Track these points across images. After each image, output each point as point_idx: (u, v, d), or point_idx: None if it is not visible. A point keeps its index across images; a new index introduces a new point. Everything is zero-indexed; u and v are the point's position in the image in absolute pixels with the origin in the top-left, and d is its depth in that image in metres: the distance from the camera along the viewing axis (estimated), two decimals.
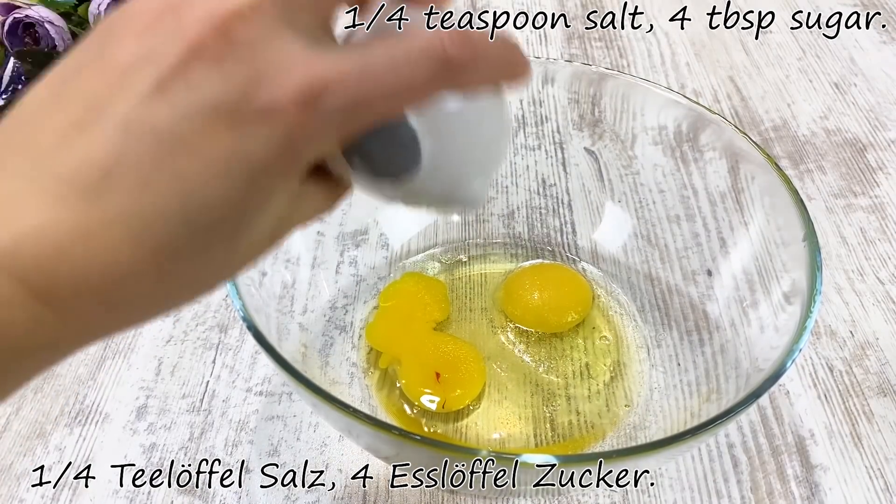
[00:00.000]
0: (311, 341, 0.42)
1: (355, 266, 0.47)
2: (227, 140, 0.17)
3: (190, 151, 0.17)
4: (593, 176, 0.49)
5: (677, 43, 0.71)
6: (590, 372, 0.43)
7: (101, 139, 0.17)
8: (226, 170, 0.17)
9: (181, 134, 0.17)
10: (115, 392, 0.43)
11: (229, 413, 0.42)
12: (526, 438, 0.40)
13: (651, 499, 0.39)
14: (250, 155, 0.17)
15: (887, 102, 0.64)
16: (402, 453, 0.31)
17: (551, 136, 0.50)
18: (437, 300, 0.45)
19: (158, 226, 0.17)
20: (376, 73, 0.18)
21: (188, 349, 0.45)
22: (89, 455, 0.40)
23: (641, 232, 0.47)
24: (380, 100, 0.18)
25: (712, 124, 0.42)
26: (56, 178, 0.16)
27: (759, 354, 0.35)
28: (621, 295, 0.47)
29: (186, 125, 0.17)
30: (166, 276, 0.18)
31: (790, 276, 0.36)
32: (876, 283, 0.49)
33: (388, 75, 0.18)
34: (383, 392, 0.41)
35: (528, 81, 0.22)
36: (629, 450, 0.28)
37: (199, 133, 0.17)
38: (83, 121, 0.17)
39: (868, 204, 0.55)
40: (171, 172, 0.17)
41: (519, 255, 0.50)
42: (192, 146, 0.17)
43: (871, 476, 0.40)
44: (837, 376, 0.44)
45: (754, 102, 0.64)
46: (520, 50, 0.21)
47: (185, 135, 0.17)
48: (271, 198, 0.19)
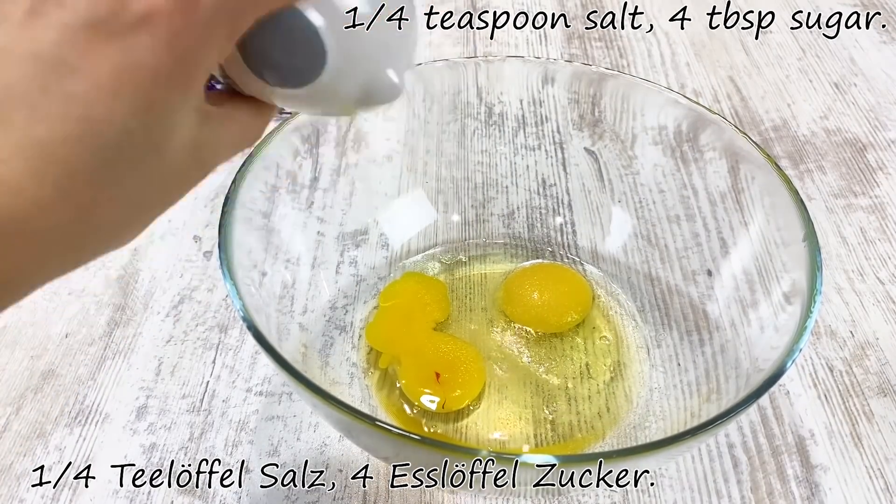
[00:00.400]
0: (311, 341, 0.42)
1: (355, 266, 0.47)
2: (110, 54, 0.16)
3: (74, 72, 0.16)
4: (593, 176, 0.49)
5: (677, 43, 0.71)
6: (590, 372, 0.43)
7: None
8: (115, 85, 0.17)
9: (62, 55, 0.16)
10: (115, 392, 0.43)
11: (229, 413, 0.42)
12: (526, 438, 0.40)
13: (651, 499, 0.39)
14: (137, 66, 0.17)
15: (887, 102, 0.64)
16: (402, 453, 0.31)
17: (551, 136, 0.50)
18: (437, 300, 0.45)
19: (57, 152, 0.16)
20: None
21: (188, 349, 0.45)
22: (89, 455, 0.40)
23: (641, 232, 0.47)
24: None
25: (712, 124, 0.42)
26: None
27: (759, 354, 0.35)
28: (621, 295, 0.47)
29: (66, 45, 0.16)
30: (81, 208, 0.17)
31: (790, 276, 0.36)
32: (876, 283, 0.49)
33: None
34: (383, 392, 0.41)
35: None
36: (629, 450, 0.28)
37: (81, 51, 0.16)
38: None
39: (868, 204, 0.55)
40: (59, 96, 0.16)
41: (519, 255, 0.50)
42: (75, 66, 0.16)
43: (871, 476, 0.40)
44: (837, 376, 0.44)
45: (754, 102, 0.64)
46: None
47: (66, 55, 0.16)
48: (173, 114, 0.18)
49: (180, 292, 0.48)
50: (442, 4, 0.74)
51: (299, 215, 0.44)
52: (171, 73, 0.17)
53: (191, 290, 0.48)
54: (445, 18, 0.72)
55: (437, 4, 0.74)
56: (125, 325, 0.46)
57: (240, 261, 0.34)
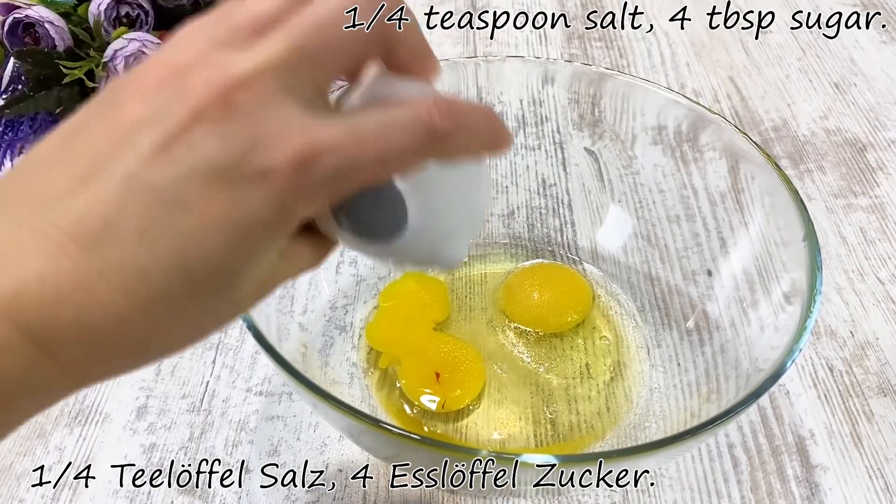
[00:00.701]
0: (311, 341, 0.42)
1: (355, 266, 0.47)
2: (223, 200, 0.18)
3: (187, 209, 0.18)
4: (593, 176, 0.49)
5: (677, 43, 0.71)
6: (590, 372, 0.43)
7: (102, 193, 0.17)
8: (221, 228, 0.18)
9: (180, 193, 0.17)
10: (115, 392, 0.43)
11: (229, 413, 0.42)
12: (526, 438, 0.40)
13: (651, 499, 0.39)
14: (245, 215, 0.18)
15: (887, 102, 0.64)
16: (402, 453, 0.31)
17: (551, 136, 0.50)
18: (437, 300, 0.45)
19: (154, 277, 0.17)
20: (367, 140, 0.19)
21: (188, 349, 0.45)
22: (89, 455, 0.40)
23: (641, 232, 0.47)
24: (369, 165, 0.19)
25: (712, 124, 0.42)
26: (58, 228, 0.17)
27: (759, 354, 0.35)
28: (621, 295, 0.47)
29: (185, 185, 0.17)
30: (159, 326, 0.18)
31: (790, 276, 0.36)
32: (876, 283, 0.49)
33: (378, 142, 0.19)
34: (383, 392, 0.41)
35: (508, 151, 0.24)
36: (629, 450, 0.28)
37: (198, 192, 0.18)
38: (87, 175, 0.18)
39: (868, 204, 0.55)
40: (168, 228, 0.17)
41: (519, 255, 0.50)
42: (189, 204, 0.18)
43: (871, 476, 0.40)
44: (837, 376, 0.44)
45: (754, 102, 0.64)
46: (501, 121, 0.22)
47: (183, 194, 0.17)
48: (262, 254, 0.19)
49: None
50: (442, 4, 0.74)
51: None
52: (272, 223, 0.19)
53: None
54: (445, 18, 0.72)
55: (437, 4, 0.74)
56: None
57: None
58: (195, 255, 0.18)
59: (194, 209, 0.18)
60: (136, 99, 0.18)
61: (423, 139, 0.20)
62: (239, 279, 0.19)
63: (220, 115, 0.18)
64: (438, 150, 0.20)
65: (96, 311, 0.17)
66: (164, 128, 0.18)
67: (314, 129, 0.18)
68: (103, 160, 0.18)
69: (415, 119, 0.20)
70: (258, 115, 0.18)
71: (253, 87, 0.18)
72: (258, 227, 0.18)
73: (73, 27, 0.58)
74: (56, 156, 0.18)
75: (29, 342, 0.17)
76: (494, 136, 0.22)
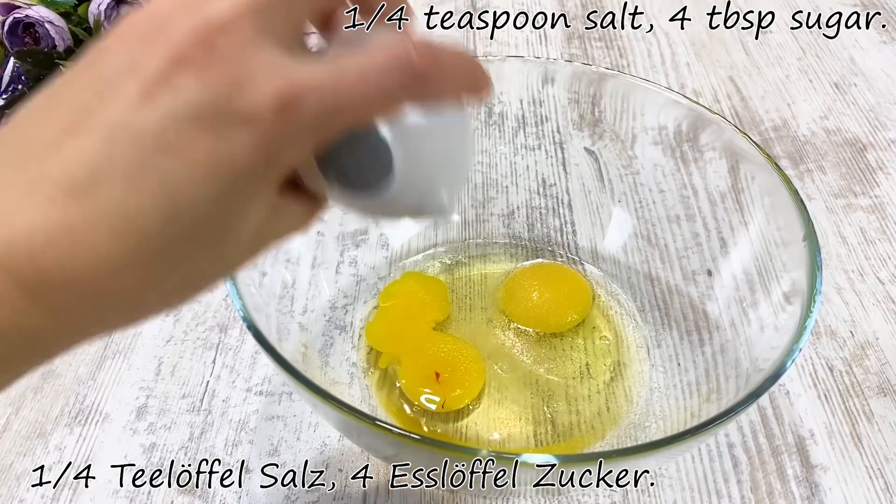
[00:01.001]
0: (311, 341, 0.42)
1: (355, 266, 0.47)
2: (208, 143, 0.18)
3: (173, 154, 0.18)
4: (593, 176, 0.49)
5: (677, 43, 0.71)
6: (590, 372, 0.43)
7: (89, 143, 0.18)
8: (207, 171, 0.18)
9: (165, 137, 0.18)
10: (115, 392, 0.43)
11: (229, 413, 0.42)
12: (526, 438, 0.40)
13: (651, 499, 0.39)
14: (230, 157, 0.18)
15: (887, 102, 0.64)
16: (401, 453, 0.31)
17: (551, 136, 0.50)
18: (437, 300, 0.45)
19: (142, 223, 0.18)
20: (348, 81, 0.19)
21: (188, 349, 0.45)
22: (89, 455, 0.40)
23: (641, 232, 0.47)
24: (351, 107, 0.19)
25: (712, 124, 0.42)
26: (47, 179, 0.17)
27: (759, 354, 0.35)
28: (621, 295, 0.47)
29: (170, 129, 0.18)
30: (151, 275, 0.18)
31: (790, 276, 0.36)
32: (876, 283, 0.49)
33: (359, 83, 0.19)
34: (383, 392, 0.41)
35: (488, 96, 0.24)
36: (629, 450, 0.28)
37: (182, 137, 0.18)
38: (72, 126, 0.18)
39: (868, 204, 0.55)
40: (154, 173, 0.18)
41: (519, 255, 0.50)
42: (175, 149, 0.18)
43: (871, 476, 0.40)
44: (837, 376, 0.44)
45: (754, 102, 0.64)
46: (480, 65, 0.22)
47: (168, 138, 0.18)
48: (251, 202, 0.20)
49: None
50: (442, 4, 0.74)
51: None
52: (257, 169, 0.19)
53: None
54: (445, 18, 0.72)
55: (437, 4, 0.74)
56: None
57: None
58: (182, 201, 0.18)
59: (179, 154, 0.18)
60: (119, 50, 0.19)
61: (404, 79, 0.20)
62: (229, 229, 0.19)
63: (202, 60, 0.18)
64: (419, 91, 0.20)
65: (86, 257, 0.17)
66: (146, 75, 0.18)
67: (295, 72, 0.19)
68: (88, 111, 0.18)
69: (394, 59, 0.20)
70: (239, 58, 0.18)
71: (232, 31, 0.18)
72: (244, 173, 0.18)
73: (73, 27, 0.58)
74: (42, 112, 0.19)
75: (18, 289, 0.17)
76: (474, 78, 0.22)
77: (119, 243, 0.17)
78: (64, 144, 0.18)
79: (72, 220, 0.17)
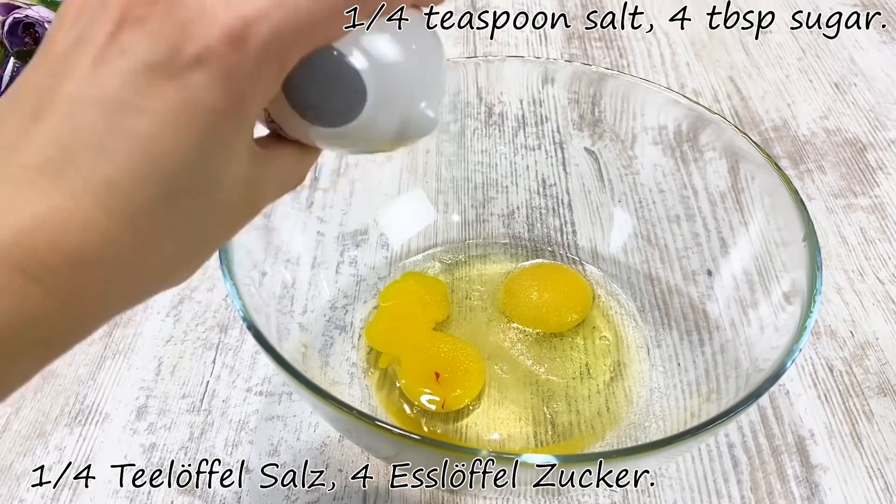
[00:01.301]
0: (311, 341, 0.42)
1: (355, 266, 0.47)
2: (169, 93, 0.18)
3: (137, 112, 0.18)
4: (593, 176, 0.49)
5: (677, 43, 0.71)
6: (590, 372, 0.43)
7: (54, 121, 0.18)
8: (175, 120, 0.18)
9: (126, 98, 0.18)
10: (115, 392, 0.43)
11: (229, 413, 0.42)
12: (526, 438, 0.40)
13: (651, 499, 0.39)
14: (194, 101, 0.18)
15: (887, 102, 0.64)
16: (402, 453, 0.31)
17: (551, 136, 0.50)
18: (437, 300, 0.45)
19: (124, 187, 0.18)
20: (295, 3, 0.19)
21: (188, 349, 0.45)
22: (89, 455, 0.40)
23: (641, 232, 0.47)
24: (303, 28, 0.19)
25: (712, 124, 0.42)
26: (24, 167, 0.18)
27: (759, 354, 0.35)
28: (621, 295, 0.47)
29: (129, 89, 0.18)
30: (145, 239, 0.18)
31: (790, 276, 0.36)
32: (876, 283, 0.49)
33: (306, 2, 0.19)
34: (383, 392, 0.41)
35: (439, 3, 0.24)
36: (629, 450, 0.28)
37: (142, 92, 0.18)
38: (36, 111, 0.18)
39: (868, 204, 0.55)
40: (123, 135, 0.18)
41: (519, 255, 0.50)
42: (137, 107, 0.18)
43: (871, 476, 0.40)
44: (837, 376, 0.44)
45: (754, 102, 0.64)
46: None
47: (129, 98, 0.18)
48: (227, 145, 0.20)
49: (180, 292, 0.48)
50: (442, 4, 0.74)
51: (299, 215, 0.44)
52: (225, 108, 0.19)
53: (191, 289, 0.48)
54: (445, 18, 0.72)
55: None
56: (125, 325, 0.46)
57: (240, 261, 0.34)
58: (158, 155, 0.18)
59: (143, 110, 0.18)
60: (64, 29, 0.19)
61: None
62: (212, 179, 0.19)
63: (144, 13, 0.18)
64: (369, 2, 0.20)
65: (77, 232, 0.17)
66: (94, 43, 0.18)
67: (241, 3, 0.19)
68: (48, 92, 0.18)
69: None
70: (179, 5, 0.18)
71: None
72: (212, 114, 0.19)
73: None
74: (7, 107, 0.19)
75: (21, 278, 0.17)
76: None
77: (106, 211, 0.18)
78: (31, 130, 0.18)
79: (55, 200, 0.17)
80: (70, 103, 0.18)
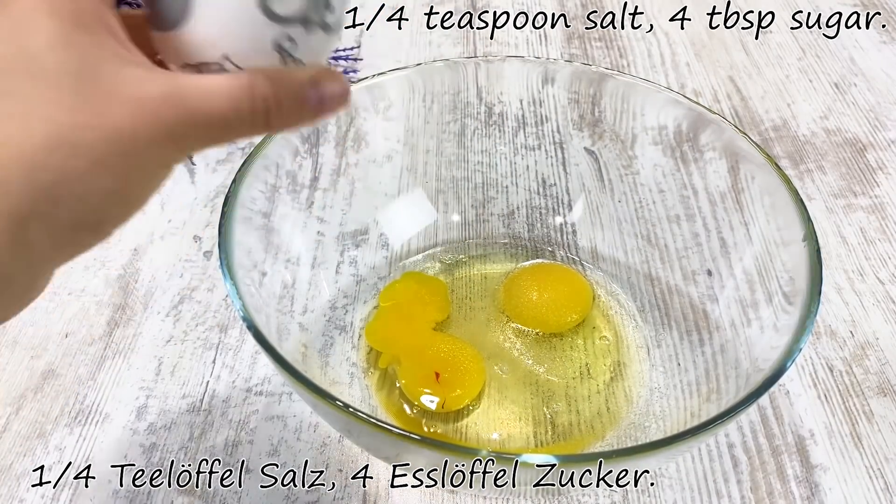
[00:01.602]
0: (311, 341, 0.42)
1: (355, 266, 0.47)
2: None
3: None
4: (593, 176, 0.49)
5: (677, 43, 0.71)
6: (590, 372, 0.43)
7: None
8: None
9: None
10: (115, 392, 0.43)
11: (229, 413, 0.42)
12: (526, 438, 0.40)
13: (651, 499, 0.39)
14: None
15: (887, 102, 0.64)
16: (402, 453, 0.31)
17: (551, 136, 0.50)
18: (437, 300, 0.45)
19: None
20: None
21: (188, 349, 0.45)
22: (89, 455, 0.40)
23: (641, 232, 0.47)
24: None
25: (712, 124, 0.42)
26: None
27: (759, 354, 0.35)
28: (621, 295, 0.47)
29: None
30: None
31: (790, 276, 0.36)
32: (876, 283, 0.49)
33: None
34: (383, 392, 0.41)
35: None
36: (629, 450, 0.28)
37: None
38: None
39: (868, 204, 0.55)
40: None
41: (519, 255, 0.50)
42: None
43: (871, 476, 0.40)
44: (837, 376, 0.44)
45: (754, 102, 0.64)
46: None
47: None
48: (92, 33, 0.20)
49: (180, 292, 0.48)
50: (442, 4, 0.74)
51: (299, 215, 0.44)
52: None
53: (191, 289, 0.48)
54: (445, 18, 0.72)
55: (437, 4, 0.74)
56: (125, 325, 0.46)
57: (240, 261, 0.34)
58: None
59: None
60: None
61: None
62: (92, 65, 0.20)
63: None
64: None
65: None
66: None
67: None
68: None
69: None
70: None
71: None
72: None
73: None
74: None
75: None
76: None
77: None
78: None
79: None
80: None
